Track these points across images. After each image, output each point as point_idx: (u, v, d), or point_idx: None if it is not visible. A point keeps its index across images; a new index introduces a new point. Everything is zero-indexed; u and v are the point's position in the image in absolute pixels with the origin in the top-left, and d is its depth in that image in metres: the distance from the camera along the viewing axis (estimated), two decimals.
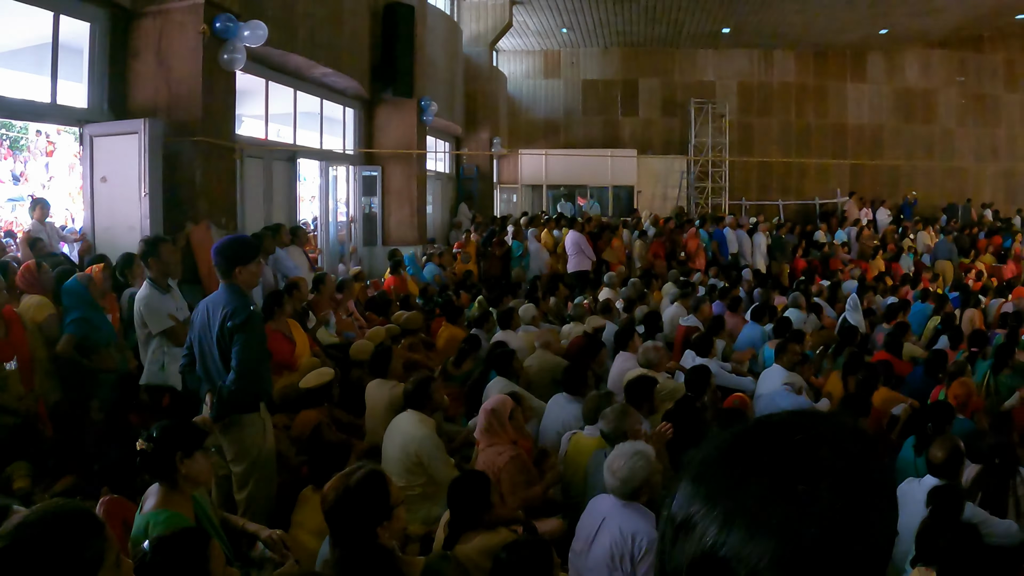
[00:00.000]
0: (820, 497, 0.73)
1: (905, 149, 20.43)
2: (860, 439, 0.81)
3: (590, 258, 13.28)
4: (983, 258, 16.32)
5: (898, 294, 11.85)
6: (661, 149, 19.83)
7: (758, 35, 18.91)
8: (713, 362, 7.00)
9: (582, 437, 4.86)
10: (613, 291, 10.84)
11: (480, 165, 17.98)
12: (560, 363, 6.94)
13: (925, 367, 7.02)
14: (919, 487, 4.13)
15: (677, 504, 0.80)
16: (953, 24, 19.16)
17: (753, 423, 0.84)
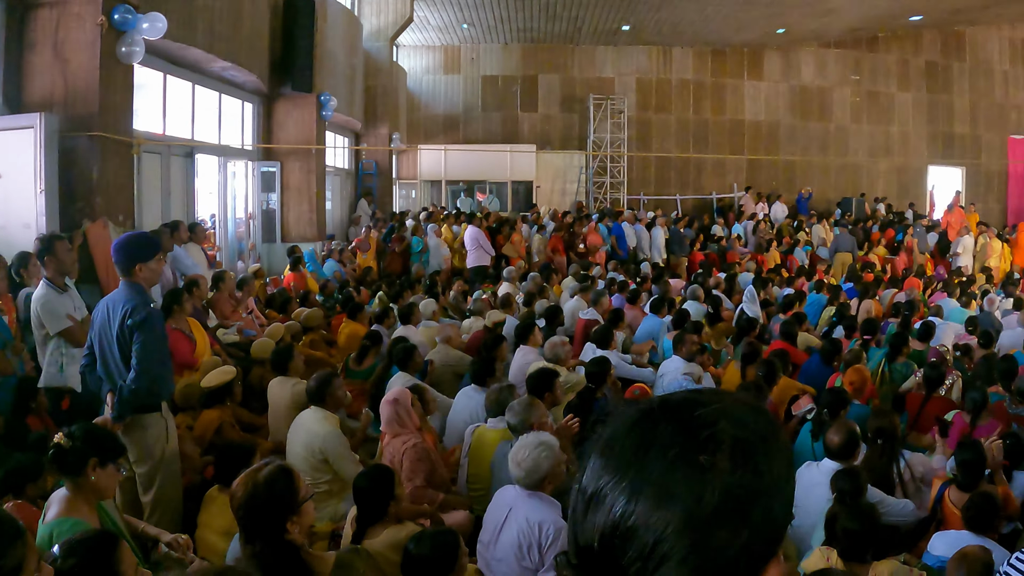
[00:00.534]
0: (720, 466, 0.86)
1: (801, 145, 22.11)
2: (757, 413, 0.94)
3: (489, 253, 14.01)
4: (876, 250, 17.64)
5: (794, 286, 12.68)
6: (560, 144, 20.99)
7: (657, 33, 19.99)
8: (613, 354, 7.47)
9: (486, 430, 5.19)
10: (513, 285, 11.38)
11: (379, 161, 18.59)
12: (462, 358, 7.51)
13: (821, 355, 7.62)
14: (818, 471, 4.59)
15: (587, 478, 0.92)
16: (848, 25, 20.53)
17: (657, 400, 0.96)
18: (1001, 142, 23.69)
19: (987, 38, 23.46)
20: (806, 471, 4.70)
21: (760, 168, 21.86)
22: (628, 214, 17.63)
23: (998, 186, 24.16)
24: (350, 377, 6.87)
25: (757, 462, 0.88)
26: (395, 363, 6.54)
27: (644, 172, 21.33)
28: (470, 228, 14.07)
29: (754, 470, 0.87)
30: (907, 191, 23.00)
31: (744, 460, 0.87)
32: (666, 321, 9.10)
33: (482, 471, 5.06)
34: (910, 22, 21.32)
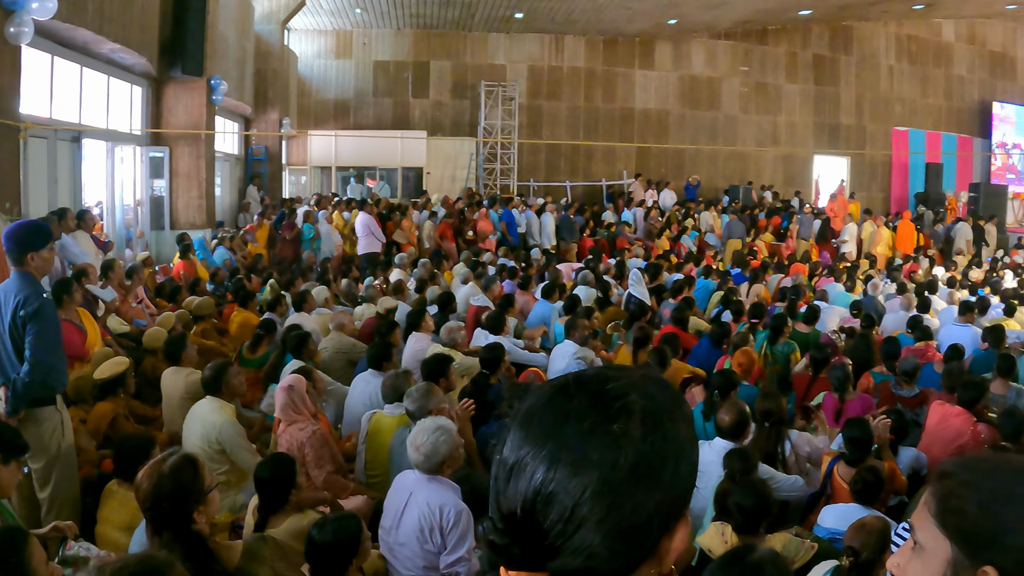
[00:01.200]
0: (632, 434, 0.98)
1: (690, 134, 23.13)
2: (662, 386, 1.08)
3: (380, 240, 14.34)
4: (763, 237, 18.53)
5: (683, 271, 13.31)
6: (451, 131, 21.52)
7: (550, 21, 20.58)
8: (506, 339, 7.77)
9: (383, 416, 5.35)
10: (404, 272, 11.81)
11: (269, 146, 18.81)
12: (355, 344, 7.72)
13: (710, 339, 8.06)
14: (710, 449, 4.92)
15: (508, 449, 1.04)
16: (739, 17, 21.55)
17: (571, 376, 1.08)
18: (885, 133, 25.30)
19: (874, 33, 25.01)
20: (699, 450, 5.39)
21: (650, 156, 22.79)
22: (518, 200, 18.27)
23: (882, 176, 25.78)
24: (244, 366, 6.88)
25: (665, 429, 1.01)
26: (289, 350, 6.69)
27: (534, 159, 22.08)
28: (361, 215, 14.42)
29: (663, 436, 1.00)
30: (793, 180, 24.37)
31: (653, 427, 1.00)
32: (557, 307, 9.44)
33: (380, 457, 5.24)
34: (799, 16, 22.45)
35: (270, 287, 10.36)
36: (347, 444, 5.87)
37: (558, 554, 0.98)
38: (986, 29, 26.98)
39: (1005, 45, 27.46)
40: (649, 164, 22.89)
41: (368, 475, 5.35)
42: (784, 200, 22.46)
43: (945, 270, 16.02)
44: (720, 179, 23.62)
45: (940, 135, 26.15)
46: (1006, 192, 24.81)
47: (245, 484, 4.96)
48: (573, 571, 0.98)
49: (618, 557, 0.99)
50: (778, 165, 24.67)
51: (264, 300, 9.29)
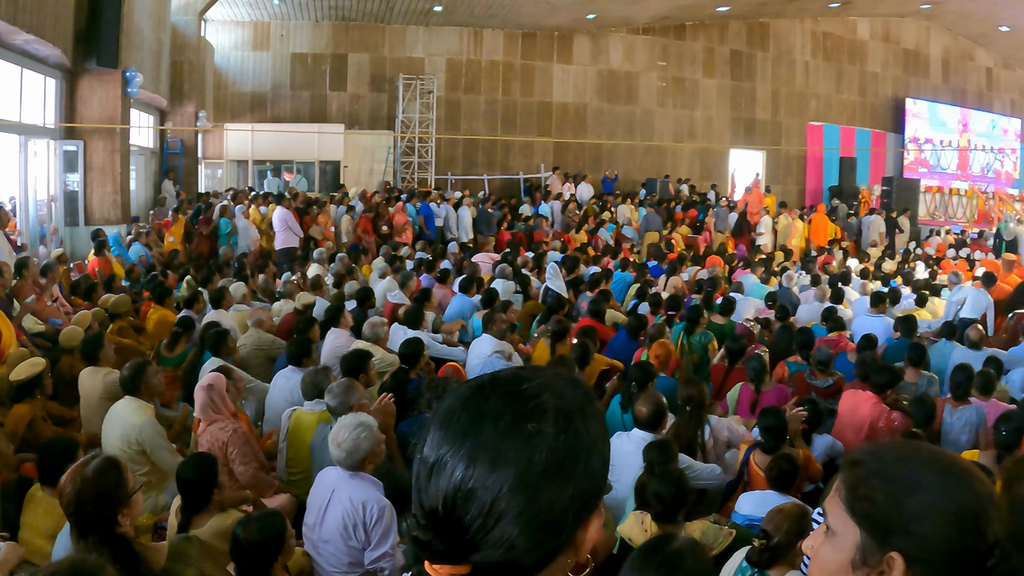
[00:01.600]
0: (546, 431, 1.07)
1: (608, 128, 23.64)
2: (574, 385, 1.17)
3: (298, 235, 14.44)
4: (680, 230, 19.10)
5: (600, 264, 13.62)
6: (369, 124, 21.69)
7: (469, 14, 20.94)
8: (424, 334, 7.90)
9: (303, 413, 5.41)
10: (322, 267, 11.81)
11: (185, 140, 18.83)
12: (274, 341, 7.78)
13: (627, 331, 8.24)
14: (628, 440, 5.11)
15: (428, 448, 1.11)
16: (657, 13, 22.25)
17: (487, 377, 1.16)
18: (800, 128, 26.37)
19: (790, 30, 25.96)
20: (617, 441, 5.19)
21: (567, 149, 23.33)
22: (436, 194, 18.61)
23: (797, 169, 26.85)
24: (162, 364, 6.86)
25: (576, 426, 1.10)
26: (207, 348, 6.70)
27: (452, 152, 22.46)
28: (278, 209, 14.43)
29: (575, 433, 1.09)
30: (710, 173, 25.25)
31: (566, 425, 1.09)
32: (475, 300, 9.66)
33: (301, 454, 5.31)
34: (717, 12, 23.23)
35: (187, 284, 10.52)
36: (268, 442, 5.90)
37: (479, 547, 1.06)
38: (900, 27, 28.14)
39: (918, 43, 28.67)
40: (567, 158, 23.39)
41: (290, 473, 5.41)
42: (701, 193, 23.26)
43: (858, 262, 16.71)
44: (637, 173, 24.21)
45: (854, 130, 27.29)
46: (918, 185, 25.77)
47: (166, 485, 5.01)
48: (494, 563, 1.07)
49: (536, 548, 1.07)
50: (695, 159, 25.44)
51: (181, 297, 9.41)
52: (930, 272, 16.05)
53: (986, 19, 26.53)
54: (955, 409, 6.33)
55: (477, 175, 22.59)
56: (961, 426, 6.27)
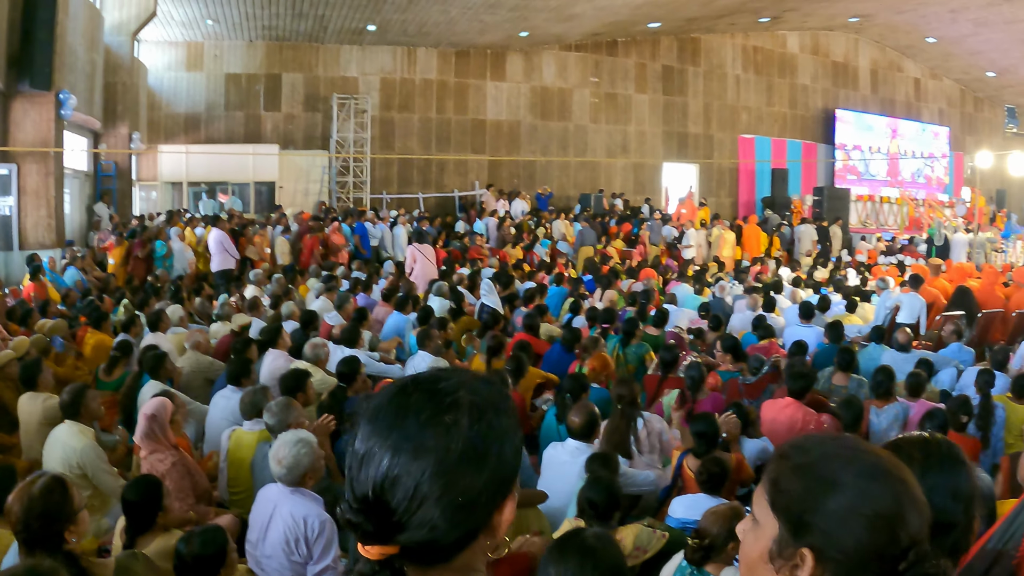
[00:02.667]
0: (461, 424, 1.20)
1: (542, 144, 24.17)
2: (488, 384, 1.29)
3: (234, 256, 14.53)
4: (614, 243, 19.54)
5: (535, 279, 13.95)
6: (303, 144, 21.88)
7: (403, 33, 21.23)
8: (361, 352, 8.08)
9: (243, 433, 5.48)
10: (259, 288, 11.96)
11: (119, 162, 18.81)
12: (212, 363, 7.82)
13: (561, 344, 8.50)
14: (563, 449, 5.32)
15: (358, 441, 1.23)
16: (589, 29, 22.74)
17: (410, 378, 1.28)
18: (732, 141, 27.14)
19: (721, 45, 26.76)
20: (552, 451, 5.44)
21: (502, 166, 23.64)
22: (371, 214, 18.84)
23: (729, 182, 27.59)
24: (101, 388, 7.00)
25: (489, 419, 1.23)
26: (146, 371, 6.73)
27: (387, 171, 22.67)
28: (214, 231, 14.50)
29: (487, 425, 1.23)
30: (643, 187, 25.89)
31: (479, 418, 1.22)
32: (411, 318, 9.87)
33: (242, 474, 5.36)
34: (648, 28, 23.88)
35: (124, 307, 10.50)
36: (209, 463, 5.91)
37: (405, 528, 1.18)
38: (829, 40, 29.11)
39: (847, 56, 29.66)
40: (501, 175, 23.75)
41: (231, 492, 5.45)
42: (634, 207, 23.81)
43: (791, 271, 17.16)
44: (572, 188, 24.76)
45: (785, 142, 28.11)
46: (849, 195, 26.60)
47: (109, 508, 5.12)
48: (419, 543, 1.18)
49: (456, 528, 1.19)
50: (628, 173, 26.05)
51: (118, 321, 9.36)
52: (861, 279, 16.54)
53: (913, 31, 27.58)
54: (880, 409, 6.63)
55: (412, 193, 22.84)
56: (888, 423, 6.54)
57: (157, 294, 11.50)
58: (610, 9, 20.67)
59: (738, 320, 11.40)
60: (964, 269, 16.82)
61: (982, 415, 6.61)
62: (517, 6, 19.32)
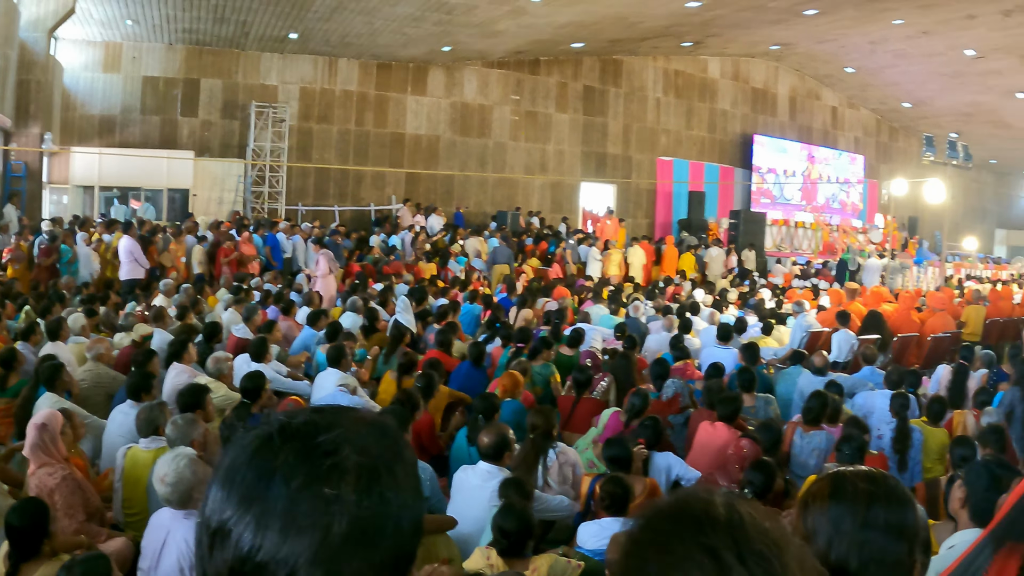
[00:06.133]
0: (346, 498, 0.98)
1: (460, 160, 24.45)
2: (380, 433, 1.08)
3: (144, 266, 14.47)
4: (530, 262, 19.87)
5: (448, 296, 13.92)
6: (220, 152, 21.74)
7: (325, 43, 21.34)
8: (268, 367, 7.90)
9: (139, 451, 5.29)
10: (167, 298, 11.85)
11: (29, 163, 18.49)
12: (116, 377, 7.62)
13: (471, 362, 8.59)
14: (473, 473, 5.22)
15: (210, 509, 1.01)
16: (513, 47, 23.14)
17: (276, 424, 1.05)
18: (650, 163, 27.84)
19: (643, 67, 27.42)
20: (462, 475, 5.32)
21: (419, 181, 23.88)
22: (285, 225, 18.83)
23: (647, 203, 28.26)
24: None
25: (382, 489, 1.02)
26: (42, 382, 6.56)
27: (303, 182, 22.69)
28: (124, 239, 14.38)
29: (380, 497, 1.01)
30: (561, 206, 26.36)
31: (369, 488, 1.01)
32: (321, 333, 9.74)
33: (137, 494, 5.20)
34: (572, 48, 24.40)
35: (25, 314, 10.29)
36: (105, 482, 5.68)
37: None
38: (750, 67, 30.04)
39: (767, 82, 30.66)
40: (418, 189, 24.01)
41: (126, 514, 5.27)
42: (551, 226, 24.27)
43: (706, 292, 17.54)
44: (489, 205, 25.11)
45: (703, 165, 28.90)
46: (765, 218, 27.22)
47: None
48: None
49: None
50: (546, 192, 26.56)
51: (18, 328, 9.16)
52: (776, 301, 16.93)
53: (832, 61, 28.63)
54: (806, 433, 6.75)
55: (328, 206, 22.97)
56: (811, 451, 6.65)
57: (62, 301, 11.21)
58: (534, 28, 21.05)
59: (654, 341, 11.46)
60: (880, 293, 17.54)
61: (899, 438, 6.97)
62: (441, 20, 19.59)
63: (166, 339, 8.51)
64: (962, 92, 29.25)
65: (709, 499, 1.21)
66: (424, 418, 6.70)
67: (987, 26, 21.91)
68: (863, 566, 1.69)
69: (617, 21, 21.55)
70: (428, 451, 6.63)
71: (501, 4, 18.49)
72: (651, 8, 20.29)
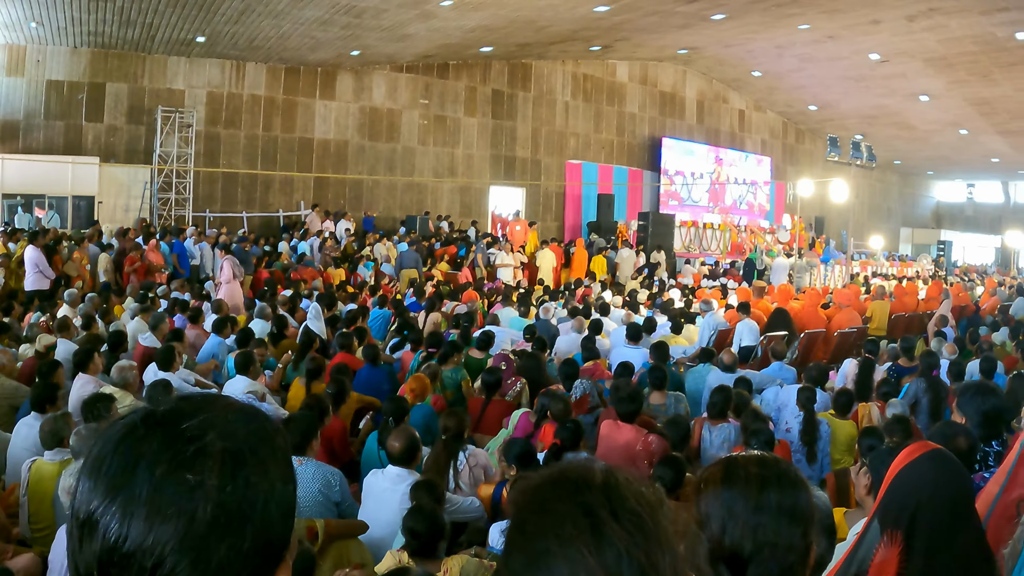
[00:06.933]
0: (209, 483, 1.00)
1: (369, 164, 24.64)
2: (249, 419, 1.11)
3: (49, 277, 14.48)
4: (439, 266, 20.23)
5: (358, 301, 14.13)
6: (125, 158, 21.52)
7: (233, 46, 21.29)
8: (176, 376, 7.90)
9: (44, 463, 5.24)
10: (72, 308, 11.72)
11: None
12: (19, 388, 7.52)
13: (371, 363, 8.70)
14: (383, 477, 5.27)
15: (78, 501, 1.01)
16: (422, 51, 23.38)
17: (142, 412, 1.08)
18: (559, 166, 28.45)
19: (551, 71, 27.98)
20: (372, 479, 5.35)
21: (328, 186, 24.04)
22: (192, 231, 18.86)
23: (556, 206, 28.83)
24: None
25: (248, 472, 1.04)
26: None
27: (211, 189, 22.53)
28: (29, 248, 14.42)
29: (245, 482, 1.03)
30: (470, 210, 26.74)
31: (233, 473, 1.02)
32: (229, 341, 9.86)
33: (44, 508, 5.14)
34: (480, 52, 24.73)
35: None
36: (11, 497, 5.64)
37: None
38: (658, 71, 30.87)
39: (675, 86, 31.51)
40: (327, 195, 24.15)
41: (33, 529, 5.21)
42: (460, 230, 24.63)
43: (616, 293, 17.91)
44: (398, 209, 25.37)
45: (612, 168, 29.58)
46: (673, 220, 27.96)
47: None
48: None
49: None
50: (455, 196, 26.90)
51: None
52: (685, 301, 17.28)
53: (740, 65, 29.56)
54: (714, 427, 6.99)
55: (236, 212, 22.88)
56: (720, 443, 6.86)
57: None
58: (443, 32, 21.34)
59: (564, 342, 11.62)
60: (787, 291, 18.10)
61: (806, 430, 7.23)
62: (350, 24, 19.68)
63: (71, 349, 8.43)
64: (867, 95, 30.33)
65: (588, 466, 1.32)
66: (335, 424, 6.78)
67: (891, 31, 22.88)
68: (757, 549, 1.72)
69: (526, 25, 21.95)
70: (340, 457, 6.68)
71: (410, 8, 18.78)
72: (560, 12, 20.67)
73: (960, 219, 46.90)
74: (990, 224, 44.79)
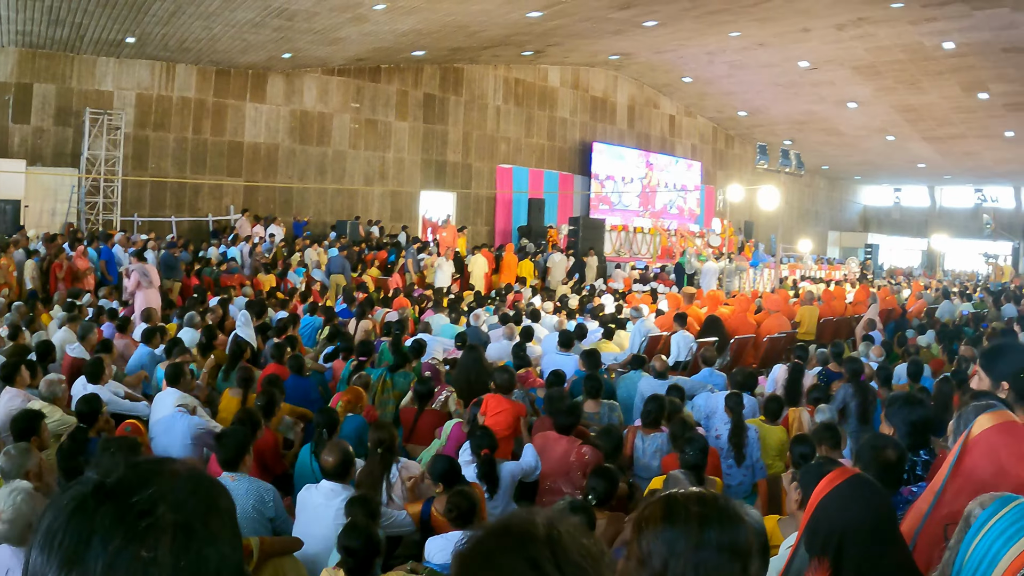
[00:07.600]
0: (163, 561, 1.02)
1: (300, 169, 24.68)
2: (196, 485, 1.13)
3: None
4: (370, 271, 20.27)
5: (288, 308, 14.04)
6: (53, 161, 21.27)
7: (163, 48, 21.19)
8: (105, 388, 7.75)
9: None
10: None
11: None
12: None
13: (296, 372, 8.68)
14: (317, 492, 5.26)
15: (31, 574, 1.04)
16: (354, 55, 23.46)
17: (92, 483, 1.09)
18: (490, 171, 28.86)
19: (483, 76, 28.32)
20: (306, 494, 5.33)
21: (258, 191, 23.88)
22: (120, 237, 18.66)
23: (487, 210, 29.21)
24: None
25: (199, 545, 1.07)
26: None
27: (139, 193, 22.39)
28: None
29: (197, 556, 1.06)
30: (401, 215, 27.00)
31: (185, 547, 1.05)
32: (158, 351, 9.67)
33: None
34: (412, 56, 24.95)
35: None
36: None
37: None
38: (589, 76, 31.37)
39: (606, 91, 32.13)
40: (257, 199, 24.07)
41: None
42: (391, 235, 24.87)
43: (546, 299, 17.87)
44: (328, 214, 25.47)
45: (543, 172, 30.05)
46: (604, 224, 28.31)
47: None
48: None
49: None
50: (386, 201, 27.13)
51: None
52: (617, 306, 17.30)
53: (671, 71, 30.24)
54: (647, 436, 7.02)
55: (165, 217, 22.75)
56: (652, 452, 6.92)
57: None
58: (375, 35, 21.48)
59: (495, 349, 11.58)
60: (716, 297, 18.44)
61: (734, 432, 7.36)
62: (282, 27, 19.69)
63: None
64: (796, 101, 31.27)
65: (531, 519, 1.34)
66: (267, 437, 6.67)
67: (821, 39, 23.63)
68: None
69: (458, 30, 22.24)
70: (273, 470, 6.65)
71: (342, 11, 18.85)
72: (493, 17, 20.92)
73: (887, 223, 48.26)
74: (916, 228, 46.17)
